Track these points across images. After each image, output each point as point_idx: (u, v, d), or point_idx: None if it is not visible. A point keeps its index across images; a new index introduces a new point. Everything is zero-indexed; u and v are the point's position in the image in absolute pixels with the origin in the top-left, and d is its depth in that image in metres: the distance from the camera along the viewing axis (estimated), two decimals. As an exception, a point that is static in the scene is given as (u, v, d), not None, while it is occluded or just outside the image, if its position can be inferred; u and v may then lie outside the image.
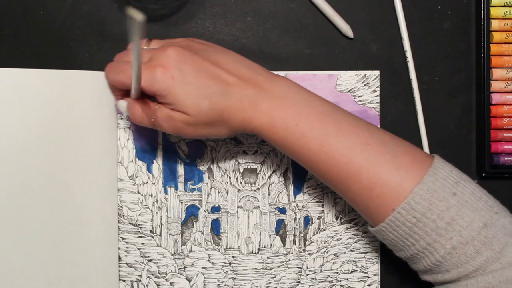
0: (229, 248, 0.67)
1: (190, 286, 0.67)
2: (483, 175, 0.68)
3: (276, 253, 0.67)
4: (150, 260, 0.67)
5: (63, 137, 0.64)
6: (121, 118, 0.66)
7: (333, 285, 0.67)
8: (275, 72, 0.67)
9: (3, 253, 0.62)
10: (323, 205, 0.67)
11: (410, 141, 0.67)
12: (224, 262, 0.67)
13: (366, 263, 0.67)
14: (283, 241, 0.67)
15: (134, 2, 0.68)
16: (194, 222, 0.67)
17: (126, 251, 0.67)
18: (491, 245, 0.52)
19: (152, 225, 0.67)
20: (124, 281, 0.67)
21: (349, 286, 0.67)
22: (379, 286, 0.67)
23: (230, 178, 0.67)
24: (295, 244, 0.67)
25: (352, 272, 0.67)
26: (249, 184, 0.67)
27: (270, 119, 0.56)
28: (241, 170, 0.67)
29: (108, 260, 0.66)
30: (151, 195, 0.67)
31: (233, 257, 0.67)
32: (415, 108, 0.68)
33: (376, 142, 0.55)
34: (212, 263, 0.67)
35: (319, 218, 0.67)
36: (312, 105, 0.56)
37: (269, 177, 0.67)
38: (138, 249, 0.67)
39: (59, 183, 0.64)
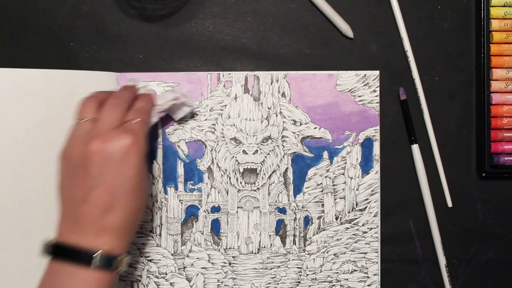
0: (229, 248, 0.67)
1: (190, 286, 0.67)
2: (483, 175, 0.68)
3: (276, 253, 0.67)
4: (150, 260, 0.67)
5: (63, 137, 0.64)
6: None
7: (333, 285, 0.67)
8: (275, 72, 0.67)
9: (3, 252, 0.62)
10: (323, 205, 0.67)
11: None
12: (224, 262, 0.67)
13: (366, 263, 0.67)
14: (283, 241, 0.67)
15: (134, 2, 0.68)
16: (194, 222, 0.67)
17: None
18: None
19: (152, 225, 0.67)
20: (124, 281, 0.67)
21: (349, 286, 0.67)
22: (379, 286, 0.67)
23: (230, 178, 0.67)
24: (295, 244, 0.67)
25: (352, 272, 0.67)
26: (249, 184, 0.67)
27: None
28: (241, 170, 0.67)
29: (108, 260, 0.66)
30: (151, 195, 0.67)
31: (233, 257, 0.67)
32: (420, 108, 0.68)
33: None
34: (212, 263, 0.67)
35: (319, 218, 0.67)
36: None
37: (269, 177, 0.67)
38: (138, 249, 0.67)
39: (59, 183, 0.64)
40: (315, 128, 0.67)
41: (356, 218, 0.67)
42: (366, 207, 0.67)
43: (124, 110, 0.57)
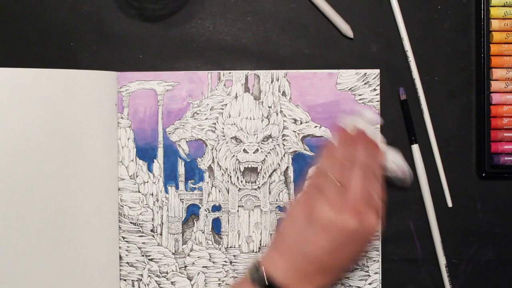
0: (230, 247, 0.67)
1: (191, 285, 0.67)
2: (483, 175, 0.68)
3: (277, 252, 0.67)
4: (151, 259, 0.67)
5: (64, 136, 0.64)
6: (122, 118, 0.66)
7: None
8: (275, 71, 0.67)
9: (4, 252, 0.62)
10: (324, 204, 0.67)
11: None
12: (225, 261, 0.67)
13: (367, 262, 0.67)
14: (284, 240, 0.67)
15: (134, 2, 0.68)
16: (195, 221, 0.67)
17: (127, 250, 0.66)
18: None
19: (153, 224, 0.67)
20: (125, 280, 0.66)
21: (350, 285, 0.67)
22: (380, 285, 0.67)
23: (230, 177, 0.67)
24: (296, 243, 0.67)
25: (353, 270, 0.67)
26: (250, 183, 0.67)
27: None
28: (242, 169, 0.67)
29: (109, 260, 0.66)
30: (152, 194, 0.67)
31: (234, 256, 0.67)
32: (420, 108, 0.68)
33: None
34: (213, 262, 0.67)
35: (320, 217, 0.67)
36: None
37: (270, 176, 0.67)
38: (139, 248, 0.66)
39: (60, 183, 0.63)
40: (315, 126, 0.67)
41: (357, 217, 0.67)
42: (367, 205, 0.67)
43: (371, 183, 0.57)
